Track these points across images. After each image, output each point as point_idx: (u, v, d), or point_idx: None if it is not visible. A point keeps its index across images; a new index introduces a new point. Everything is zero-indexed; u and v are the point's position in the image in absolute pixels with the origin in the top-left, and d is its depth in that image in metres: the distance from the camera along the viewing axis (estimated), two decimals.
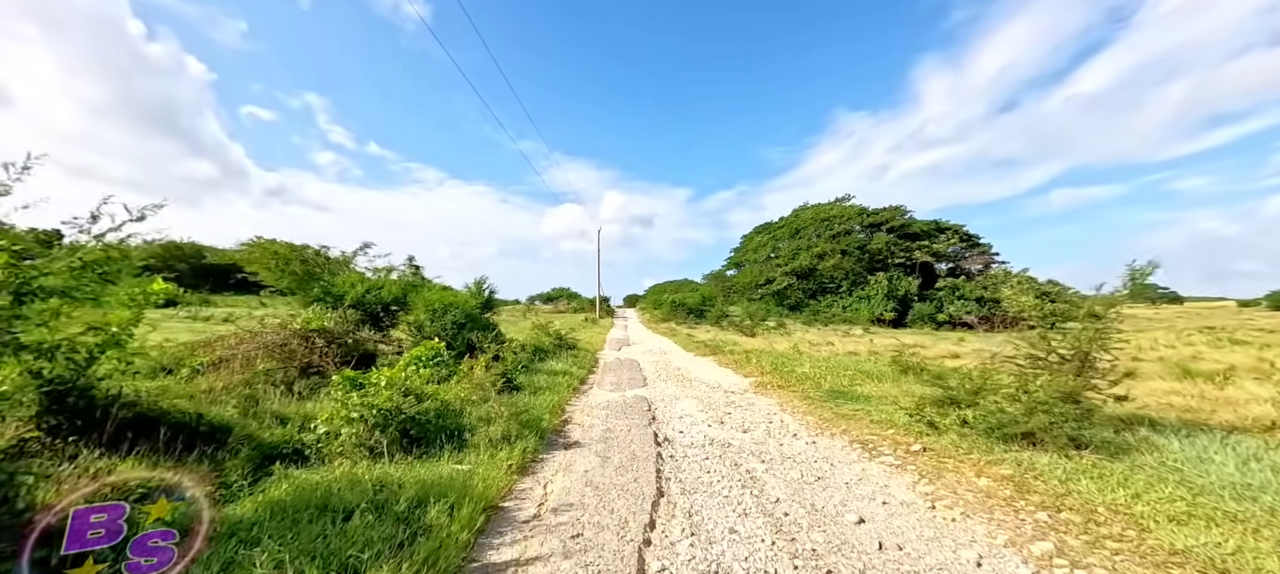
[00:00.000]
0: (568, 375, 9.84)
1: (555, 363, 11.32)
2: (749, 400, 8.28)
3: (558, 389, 8.36)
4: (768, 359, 13.00)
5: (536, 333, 15.21)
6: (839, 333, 29.71)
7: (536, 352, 11.88)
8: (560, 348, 14.32)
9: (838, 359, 13.35)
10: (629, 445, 5.58)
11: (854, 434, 6.07)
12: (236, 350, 6.81)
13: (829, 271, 47.53)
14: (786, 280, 48.99)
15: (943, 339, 26.90)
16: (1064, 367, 5.78)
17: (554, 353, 12.86)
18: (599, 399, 8.32)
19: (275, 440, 4.66)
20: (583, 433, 6.12)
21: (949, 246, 48.30)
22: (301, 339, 7.21)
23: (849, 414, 6.96)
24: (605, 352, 16.68)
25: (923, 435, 5.79)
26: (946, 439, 5.49)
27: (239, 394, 5.63)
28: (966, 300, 44.67)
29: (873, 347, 18.51)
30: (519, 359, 10.18)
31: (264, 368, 6.35)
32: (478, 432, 5.15)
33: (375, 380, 5.06)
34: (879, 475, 4.67)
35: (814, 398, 8.13)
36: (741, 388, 9.54)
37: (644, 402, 8.14)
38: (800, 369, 10.97)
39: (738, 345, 18.10)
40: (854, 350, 16.57)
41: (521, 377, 8.69)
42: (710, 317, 36.08)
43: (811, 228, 51.80)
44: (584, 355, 13.75)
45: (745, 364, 12.65)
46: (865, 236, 49.11)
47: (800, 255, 48.88)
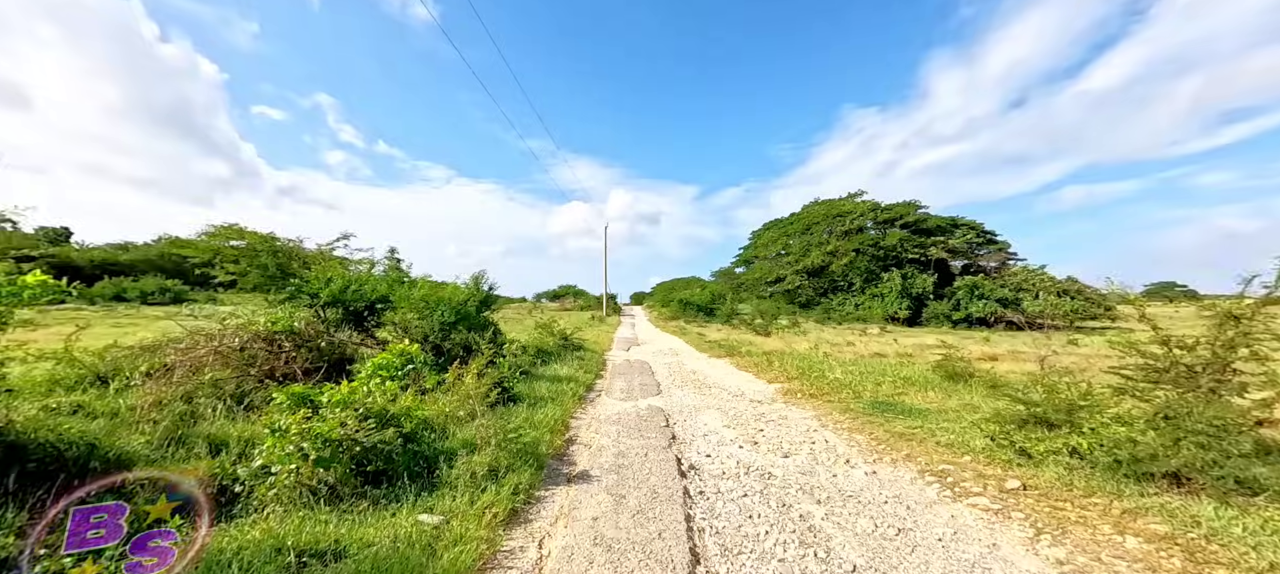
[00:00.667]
0: (573, 382, 8.76)
1: (559, 367, 10.25)
2: (780, 412, 7.16)
3: (561, 399, 7.28)
4: (790, 362, 11.86)
5: (540, 333, 14.17)
6: (855, 331, 28.46)
7: (539, 354, 10.82)
8: (565, 349, 13.25)
9: (867, 362, 12.17)
10: (647, 477, 4.49)
11: (922, 461, 4.94)
12: (186, 357, 5.78)
13: (841, 269, 46.17)
14: (798, 278, 47.69)
15: (966, 338, 25.58)
16: (1195, 380, 4.59)
17: (558, 355, 11.79)
18: (609, 410, 7.23)
19: (201, 474, 3.61)
20: (590, 458, 5.03)
21: (964, 242, 46.76)
22: (265, 343, 6.18)
23: (906, 434, 5.82)
24: (613, 352, 15.61)
25: (1012, 465, 4.64)
26: (1048, 473, 4.34)
27: (173, 412, 4.59)
28: (987, 299, 43.19)
29: (899, 347, 17.29)
30: (519, 363, 9.13)
31: (212, 377, 5.31)
32: (459, 462, 4.07)
33: (331, 397, 4.00)
34: (978, 527, 3.54)
35: (856, 411, 6.99)
36: (768, 396, 8.42)
37: (660, 414, 7.04)
38: (830, 374, 9.82)
39: (753, 346, 16.97)
40: (879, 351, 15.37)
41: (520, 385, 7.63)
42: (720, 315, 34.92)
43: (823, 224, 50.43)
44: (591, 357, 12.67)
45: (766, 368, 11.52)
46: (878, 233, 47.69)
47: (812, 252, 47.55)
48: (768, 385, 9.53)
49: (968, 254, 47.85)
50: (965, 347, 19.42)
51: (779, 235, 54.55)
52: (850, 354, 14.77)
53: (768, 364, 11.86)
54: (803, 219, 52.85)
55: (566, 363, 10.85)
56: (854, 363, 11.95)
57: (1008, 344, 20.96)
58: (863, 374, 9.72)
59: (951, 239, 45.85)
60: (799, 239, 51.53)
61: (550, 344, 13.05)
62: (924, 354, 15.07)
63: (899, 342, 19.34)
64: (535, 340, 12.27)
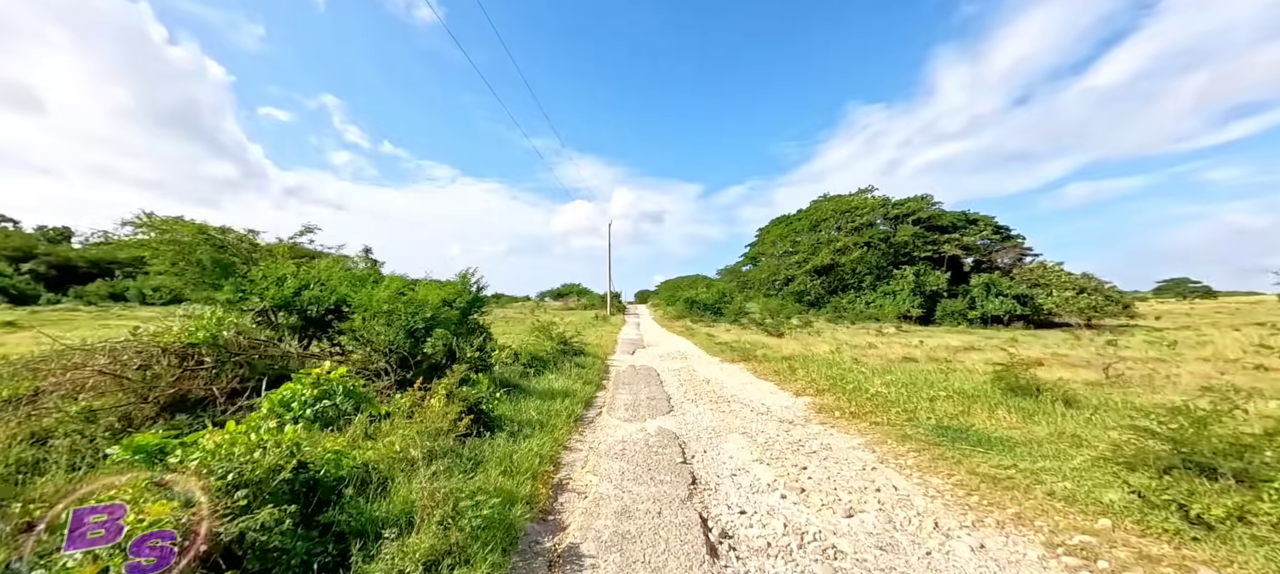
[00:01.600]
0: (568, 398, 7.41)
1: (555, 378, 8.90)
2: (820, 438, 5.78)
3: (553, 423, 5.93)
4: (815, 368, 10.46)
5: (537, 336, 12.84)
6: (869, 331, 26.98)
7: (532, 362, 9.48)
8: (564, 355, 11.91)
9: (901, 368, 10.75)
10: (662, 558, 3.13)
11: (1041, 526, 3.55)
12: (64, 378, 4.47)
13: (851, 266, 44.63)
14: (806, 276, 46.18)
15: (988, 338, 24.06)
16: None
17: (555, 362, 10.45)
18: (610, 437, 5.88)
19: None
20: (583, 521, 3.67)
21: (979, 238, 45.11)
22: (175, 358, 4.87)
23: (999, 478, 4.42)
24: (617, 356, 14.26)
25: (1183, 538, 3.24)
26: (1255, 555, 2.95)
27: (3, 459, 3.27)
28: (1004, 297, 41.59)
29: (926, 349, 15.84)
30: (506, 376, 7.80)
31: (86, 407, 3.99)
32: (386, 549, 2.72)
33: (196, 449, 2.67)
34: None
35: (918, 439, 5.60)
36: (799, 414, 7.05)
37: (673, 441, 5.68)
38: (866, 384, 8.43)
39: (768, 348, 15.57)
40: (908, 355, 13.93)
41: (504, 405, 6.29)
42: (728, 314, 33.52)
43: (832, 220, 48.88)
44: (591, 364, 11.32)
45: (789, 375, 10.13)
46: (889, 229, 46.12)
47: (821, 250, 46.02)
48: (795, 398, 8.15)
49: (981, 250, 46.21)
50: (989, 347, 17.94)
51: (786, 232, 53.03)
52: (876, 358, 13.35)
53: (790, 371, 10.47)
54: (811, 215, 51.31)
55: (563, 372, 9.50)
56: (887, 370, 10.53)
57: (1039, 345, 19.45)
58: (906, 386, 8.31)
59: (966, 235, 44.22)
60: (807, 236, 50.00)
61: (547, 349, 11.71)
62: (959, 358, 13.63)
63: (924, 343, 17.88)
64: (529, 346, 10.95)
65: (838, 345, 15.10)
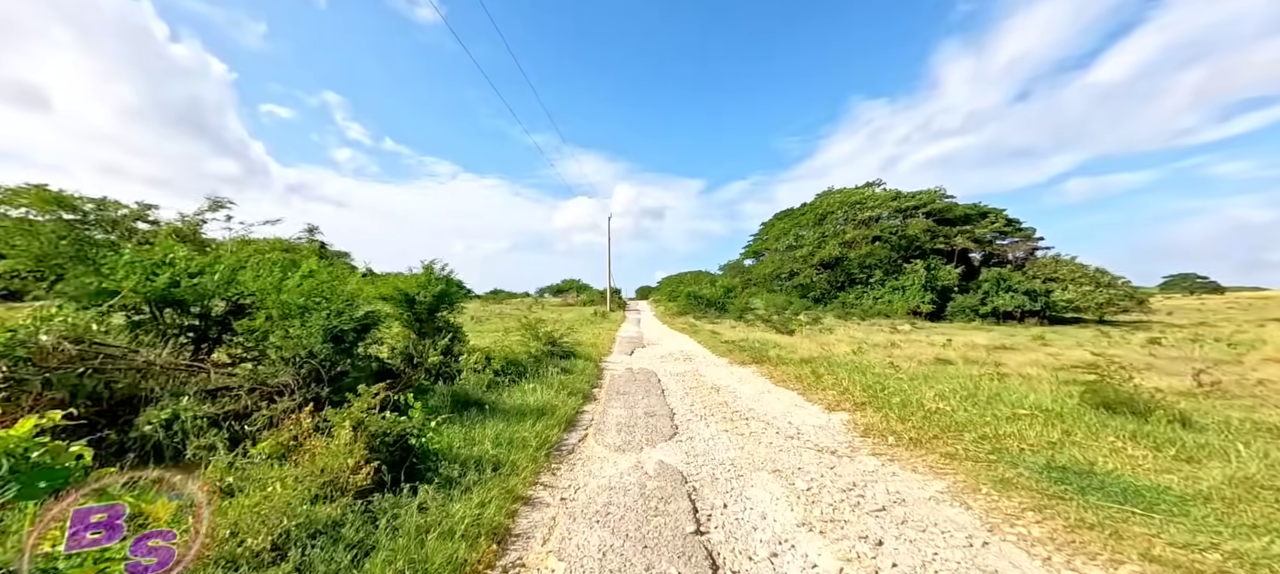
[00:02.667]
0: (546, 417, 5.75)
1: (533, 388, 7.22)
2: (884, 482, 4.13)
3: (513, 463, 4.27)
4: (845, 374, 8.78)
5: (523, 336, 11.19)
6: (882, 328, 25.30)
7: (508, 368, 7.82)
8: (551, 356, 10.27)
9: (946, 375, 9.05)
10: None
11: None
12: None
13: (858, 260, 42.89)
14: (812, 271, 44.44)
15: (1011, 335, 22.34)
16: None
17: (539, 368, 8.79)
18: (592, 482, 4.23)
19: None
20: None
21: (992, 231, 43.31)
22: None
23: (1175, 560, 2.78)
24: (613, 357, 12.62)
25: None
26: None
27: None
28: (1015, 292, 39.85)
29: (958, 349, 14.15)
30: (464, 390, 6.17)
31: None
32: None
33: None
34: None
35: (1024, 485, 3.94)
36: (840, 438, 5.40)
37: (679, 488, 4.03)
38: (915, 396, 6.77)
39: (781, 347, 13.91)
40: (941, 356, 12.25)
41: (449, 434, 4.63)
42: (733, 310, 31.84)
43: (838, 214, 47.12)
44: (582, 368, 9.66)
45: (813, 383, 8.46)
46: (898, 223, 44.34)
47: (827, 244, 44.27)
48: (828, 415, 6.49)
49: (992, 244, 44.40)
50: (1023, 345, 16.26)
51: (791, 226, 51.26)
52: (904, 360, 11.68)
53: (814, 377, 8.80)
54: (816, 209, 49.54)
55: (546, 380, 7.84)
56: (928, 375, 8.85)
57: (1071, 343, 17.74)
58: (965, 398, 6.64)
59: (978, 228, 42.42)
60: (812, 230, 48.25)
61: (533, 351, 10.06)
62: (998, 360, 11.94)
63: (952, 342, 16.17)
64: (508, 348, 9.30)
65: (858, 345, 13.42)
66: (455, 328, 8.78)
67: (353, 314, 5.13)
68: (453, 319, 8.86)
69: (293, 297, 4.73)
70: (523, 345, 10.71)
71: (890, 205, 44.89)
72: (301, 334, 4.74)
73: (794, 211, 53.08)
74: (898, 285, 41.50)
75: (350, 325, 4.95)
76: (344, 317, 4.85)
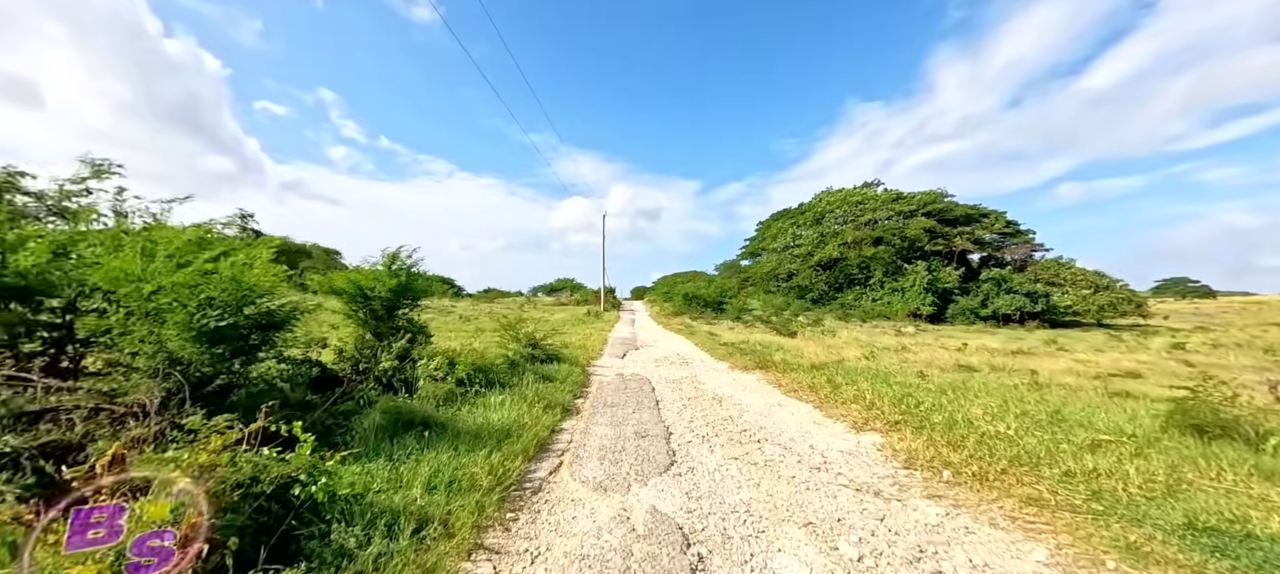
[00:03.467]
0: (509, 441, 4.56)
1: (500, 402, 5.97)
2: (959, 544, 2.96)
3: (452, 520, 3.08)
4: (865, 383, 7.64)
5: (502, 338, 9.97)
6: (888, 330, 24.25)
7: (474, 376, 6.59)
8: (532, 361, 9.08)
9: (985, 387, 7.89)
10: None
11: None
12: None
13: (858, 261, 41.91)
14: (811, 272, 43.41)
15: (1019, 339, 21.33)
16: None
17: (514, 375, 7.58)
18: (560, 541, 3.03)
19: None
20: None
21: (993, 233, 42.45)
22: None
23: None
24: (604, 361, 11.44)
25: None
26: None
27: None
28: (1016, 294, 38.97)
29: (974, 355, 13.06)
30: (412, 407, 4.97)
31: None
32: None
33: None
34: None
35: (1161, 555, 2.79)
36: (878, 470, 4.25)
37: (677, 549, 2.87)
38: (960, 413, 5.63)
39: (785, 350, 12.78)
40: (962, 362, 11.14)
41: (367, 475, 3.44)
42: (730, 311, 30.73)
43: (837, 213, 46.14)
44: (566, 375, 8.46)
45: (831, 394, 7.31)
46: (898, 223, 43.39)
47: (827, 243, 43.26)
48: (856, 435, 5.35)
49: (993, 246, 43.55)
50: (1040, 349, 15.16)
51: (788, 226, 50.23)
52: (922, 367, 10.56)
53: (830, 388, 7.64)
54: (814, 209, 48.54)
55: (519, 390, 6.62)
56: (963, 386, 7.71)
57: (1088, 348, 16.71)
58: (1020, 416, 5.50)
59: (980, 229, 41.54)
60: (811, 231, 47.25)
61: (510, 354, 8.86)
62: (1019, 365, 10.84)
63: (966, 346, 15.07)
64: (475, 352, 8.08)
65: (868, 349, 12.29)
66: (418, 328, 7.58)
67: (245, 307, 3.90)
68: (416, 317, 7.66)
69: (160, 283, 3.51)
70: (501, 347, 9.52)
71: (890, 206, 43.94)
72: (159, 333, 3.52)
73: (792, 211, 52.06)
74: (897, 287, 40.55)
75: (232, 323, 3.71)
76: (223, 311, 3.61)
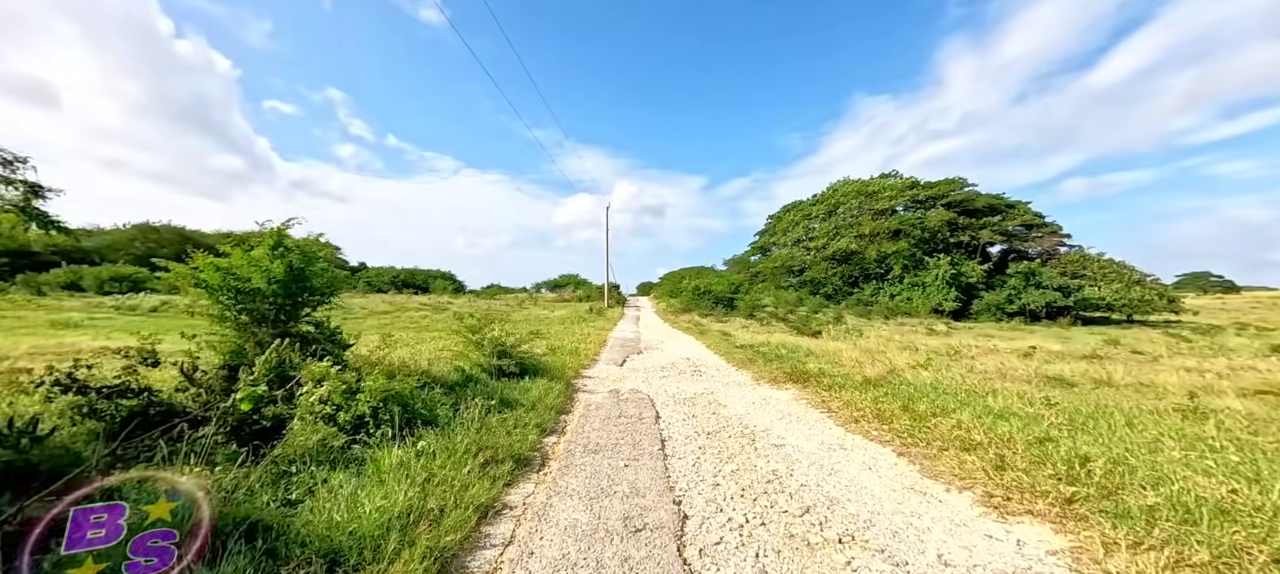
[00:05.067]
0: (408, 552, 2.33)
1: (417, 455, 3.72)
2: None
3: None
4: (963, 413, 5.32)
5: (464, 345, 7.72)
6: (918, 329, 21.79)
7: (386, 408, 4.33)
8: (498, 376, 6.85)
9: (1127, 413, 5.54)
10: None
11: None
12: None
13: (876, 254, 39.31)
14: (825, 266, 40.86)
15: (1065, 336, 18.81)
16: None
17: (462, 398, 5.32)
18: None
19: None
20: None
21: (1020, 224, 39.66)
22: None
23: None
24: (598, 368, 9.19)
25: None
26: None
27: None
28: (1045, 288, 36.24)
29: (1048, 361, 10.64)
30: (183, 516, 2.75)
31: None
32: None
33: None
34: None
35: None
36: None
37: None
38: (1154, 470, 3.35)
39: (814, 355, 10.47)
40: (1047, 372, 8.72)
41: None
42: (742, 307, 28.38)
43: (852, 204, 43.52)
44: (541, 395, 6.19)
45: (915, 428, 5.01)
46: (917, 214, 40.71)
47: (842, 236, 40.69)
48: (1003, 525, 3.05)
49: (1020, 237, 40.74)
50: (1095, 349, 12.61)
51: (800, 219, 47.65)
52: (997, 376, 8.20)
53: (912, 421, 5.33)
54: (828, 200, 45.92)
55: (457, 429, 4.36)
56: (1130, 423, 5.37)
57: (1166, 352, 14.18)
58: (1249, 479, 3.20)
59: (1006, 220, 38.77)
60: (824, 222, 44.65)
61: (470, 367, 6.65)
62: (1135, 378, 8.41)
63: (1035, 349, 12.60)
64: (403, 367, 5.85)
65: (923, 355, 9.91)
66: (329, 335, 5.36)
67: None
68: (324, 316, 5.44)
69: None
70: (462, 356, 7.30)
71: (908, 195, 41.25)
72: None
73: (803, 204, 49.44)
74: (917, 281, 37.95)
75: None
76: None
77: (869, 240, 39.31)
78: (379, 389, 4.24)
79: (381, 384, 4.25)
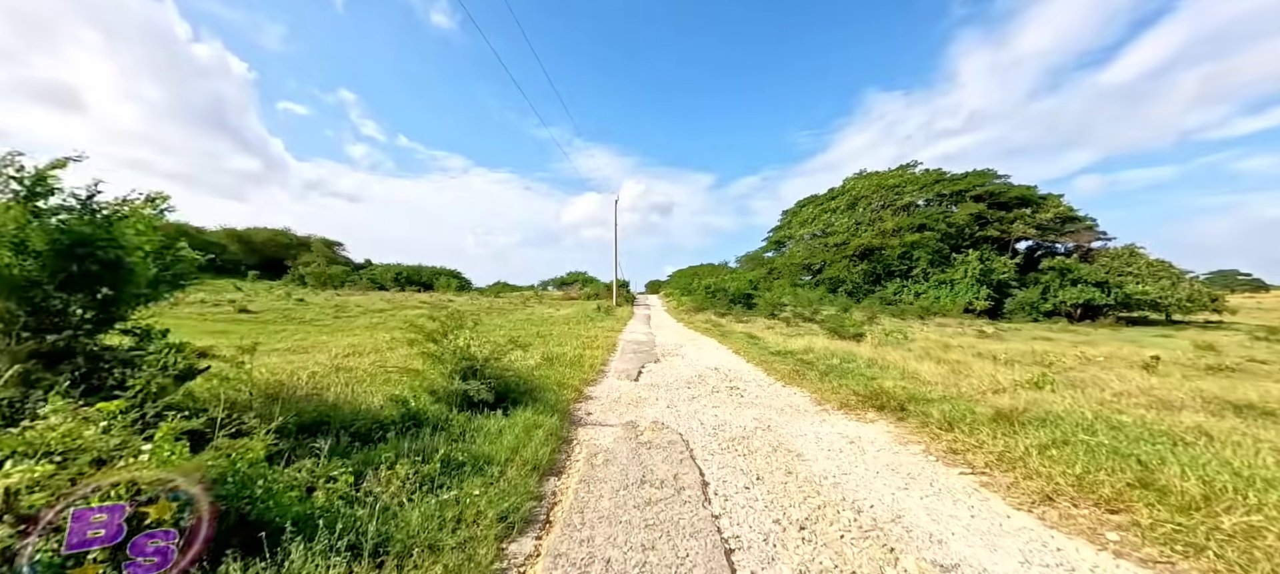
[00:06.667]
0: None
1: None
2: None
3: None
4: (1177, 471, 3.06)
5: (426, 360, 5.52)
6: (968, 330, 19.33)
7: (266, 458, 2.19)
8: (464, 407, 4.65)
9: None
10: None
11: None
12: None
13: (899, 250, 36.73)
14: (845, 263, 38.31)
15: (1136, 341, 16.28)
16: None
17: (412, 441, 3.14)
18: None
19: None
20: None
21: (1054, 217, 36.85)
22: None
23: None
24: (606, 385, 6.98)
25: None
26: None
27: None
28: (1083, 285, 33.48)
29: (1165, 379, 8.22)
30: None
31: None
32: None
33: None
34: None
35: None
36: None
37: None
38: None
39: (879, 367, 8.19)
40: (1243, 399, 6.35)
41: None
42: (762, 306, 26.04)
43: (873, 198, 40.92)
44: (518, 441, 4.00)
45: (1168, 522, 2.75)
46: (943, 208, 38.06)
47: (862, 231, 38.14)
48: None
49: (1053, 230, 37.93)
50: (1182, 355, 10.11)
51: (818, 213, 45.10)
52: (1116, 397, 5.89)
53: (1077, 474, 3.06)
54: (847, 193, 43.33)
55: (315, 559, 2.19)
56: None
57: (1249, 359, 11.68)
58: None
59: (1040, 212, 36.01)
60: (844, 216, 42.09)
61: (414, 398, 4.46)
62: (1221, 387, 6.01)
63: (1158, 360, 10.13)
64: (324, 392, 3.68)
65: (1037, 373, 7.55)
66: (158, 345, 3.17)
67: None
68: (146, 319, 3.26)
69: None
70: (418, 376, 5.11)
71: (932, 188, 38.58)
72: None
73: (820, 198, 46.85)
74: (944, 278, 35.33)
75: None
76: None
77: (891, 236, 36.73)
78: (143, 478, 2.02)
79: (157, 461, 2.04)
